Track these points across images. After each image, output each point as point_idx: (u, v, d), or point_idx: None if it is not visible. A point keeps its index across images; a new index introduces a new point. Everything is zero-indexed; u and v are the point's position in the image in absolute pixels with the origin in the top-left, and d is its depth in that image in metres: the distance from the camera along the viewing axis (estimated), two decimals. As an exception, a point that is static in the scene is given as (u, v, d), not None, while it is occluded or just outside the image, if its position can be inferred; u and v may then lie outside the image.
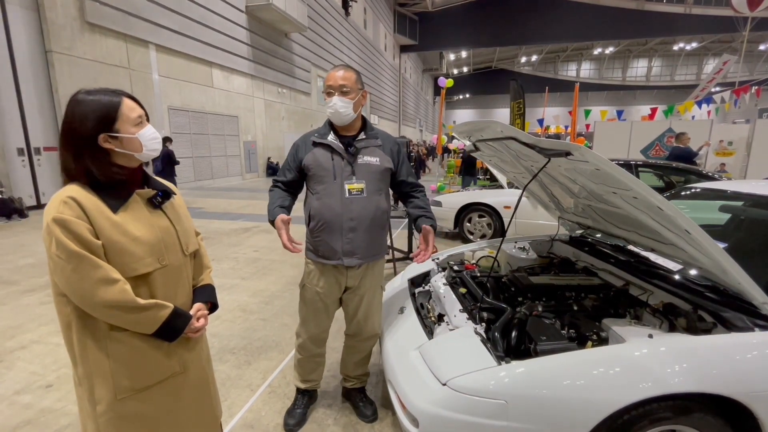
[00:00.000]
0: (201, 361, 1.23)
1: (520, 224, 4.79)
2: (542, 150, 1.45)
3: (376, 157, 1.72)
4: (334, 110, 1.64)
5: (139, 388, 1.06)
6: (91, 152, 1.01)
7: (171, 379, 1.11)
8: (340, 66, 1.69)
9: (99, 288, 0.96)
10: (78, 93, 1.03)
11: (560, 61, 39.14)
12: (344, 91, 1.63)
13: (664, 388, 1.21)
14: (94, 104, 1.01)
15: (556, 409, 1.25)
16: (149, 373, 1.07)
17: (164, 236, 1.11)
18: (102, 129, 1.01)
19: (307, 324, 1.86)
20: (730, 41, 30.34)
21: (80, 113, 1.00)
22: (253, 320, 3.04)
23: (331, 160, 1.68)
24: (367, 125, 1.77)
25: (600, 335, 1.43)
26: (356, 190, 1.67)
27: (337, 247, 1.70)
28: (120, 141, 1.03)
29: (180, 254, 1.16)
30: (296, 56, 15.70)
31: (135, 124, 1.06)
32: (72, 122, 1.00)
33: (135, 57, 8.87)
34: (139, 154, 1.07)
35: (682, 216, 1.24)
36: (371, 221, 1.70)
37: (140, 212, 1.08)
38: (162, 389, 1.10)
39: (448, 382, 1.36)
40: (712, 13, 22.57)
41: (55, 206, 0.97)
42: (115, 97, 1.04)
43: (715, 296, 1.54)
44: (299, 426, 1.90)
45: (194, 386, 1.19)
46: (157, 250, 1.08)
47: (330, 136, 1.71)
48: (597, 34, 25.70)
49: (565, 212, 2.44)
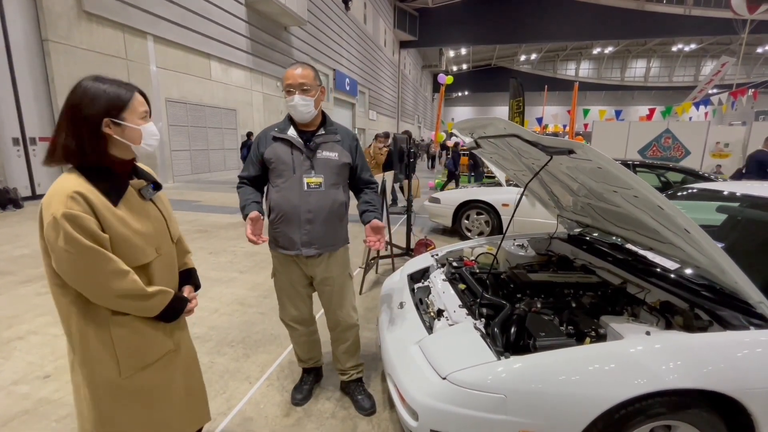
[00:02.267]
0: (189, 339, 1.35)
1: (517, 221, 4.81)
2: (545, 147, 1.46)
3: (335, 152, 1.78)
4: (295, 108, 1.69)
5: (141, 366, 1.14)
6: (91, 134, 1.03)
7: (167, 356, 1.21)
8: (297, 64, 1.72)
9: (112, 280, 1.03)
10: (87, 79, 1.05)
11: (559, 60, 39.16)
12: (304, 89, 1.67)
13: (659, 384, 1.23)
14: (108, 89, 1.04)
15: (554, 403, 1.27)
16: (149, 351, 1.16)
17: (158, 226, 1.18)
18: (108, 113, 1.03)
19: (286, 309, 1.96)
20: (728, 43, 30.47)
21: (92, 94, 1.02)
22: (252, 314, 3.04)
23: (291, 154, 1.73)
24: (327, 120, 1.82)
25: (598, 332, 1.46)
26: (314, 184, 1.74)
27: (295, 237, 1.77)
28: (122, 129, 1.06)
29: (170, 242, 1.24)
30: (295, 50, 15.61)
31: (140, 117, 1.10)
32: (80, 102, 1.02)
33: (132, 48, 8.78)
34: (135, 147, 1.10)
35: (682, 215, 1.26)
36: (328, 213, 1.77)
37: (136, 204, 1.13)
38: (160, 365, 1.19)
39: (447, 376, 1.37)
40: (711, 15, 22.64)
41: (61, 201, 0.98)
42: (129, 89, 1.08)
43: (711, 295, 1.57)
44: (305, 400, 2.04)
45: (185, 360, 1.29)
46: (154, 240, 1.15)
47: (290, 130, 1.76)
48: (597, 33, 25.71)
49: (564, 210, 2.46)
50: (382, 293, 2.33)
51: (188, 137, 10.94)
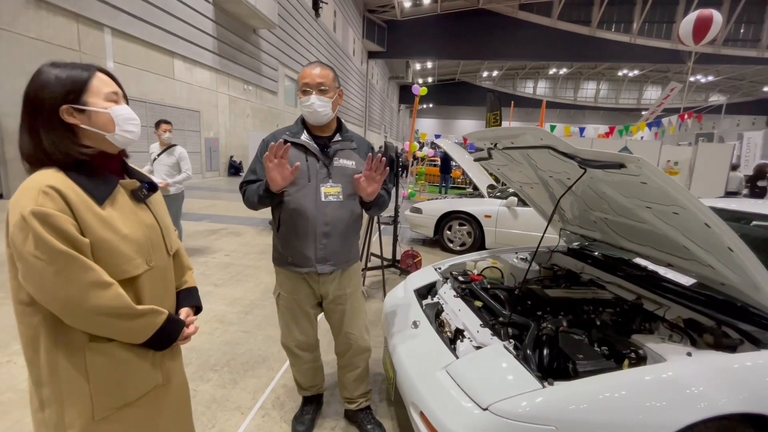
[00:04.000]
0: (182, 371, 1.13)
1: (501, 234, 4.85)
2: (584, 161, 1.40)
3: (352, 161, 1.63)
4: (312, 110, 1.52)
5: (120, 405, 0.92)
6: (48, 126, 0.86)
7: (153, 391, 1.00)
8: (315, 63, 1.57)
9: (90, 293, 0.82)
10: (42, 65, 0.89)
11: (519, 78, 41.13)
12: (322, 89, 1.52)
13: (713, 410, 1.18)
14: (61, 72, 0.87)
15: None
16: (132, 387, 0.96)
17: (150, 234, 0.99)
18: (65, 100, 0.86)
19: (291, 332, 1.75)
20: (665, 71, 33.47)
21: (41, 81, 0.86)
22: (234, 332, 2.77)
23: (306, 161, 1.57)
24: (342, 126, 1.67)
25: (638, 353, 1.40)
26: (332, 194, 1.58)
27: (309, 253, 1.60)
28: (87, 116, 0.89)
29: (165, 254, 1.04)
30: (264, 53, 15.19)
31: (108, 99, 0.92)
32: (30, 92, 0.86)
33: (87, 40, 8.09)
34: (110, 135, 0.92)
35: (730, 233, 1.23)
36: (346, 226, 1.63)
37: (126, 206, 0.95)
38: (143, 403, 0.97)
39: (489, 407, 1.25)
40: (652, 45, 24.78)
41: (31, 197, 0.79)
42: (86, 69, 0.90)
43: (731, 311, 1.57)
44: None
45: (175, 398, 1.08)
46: (145, 249, 0.96)
47: (303, 135, 1.60)
48: (553, 55, 27.29)
49: (568, 223, 2.44)
50: (387, 310, 2.18)
51: (148, 138, 10.21)
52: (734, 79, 32.04)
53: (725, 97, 33.08)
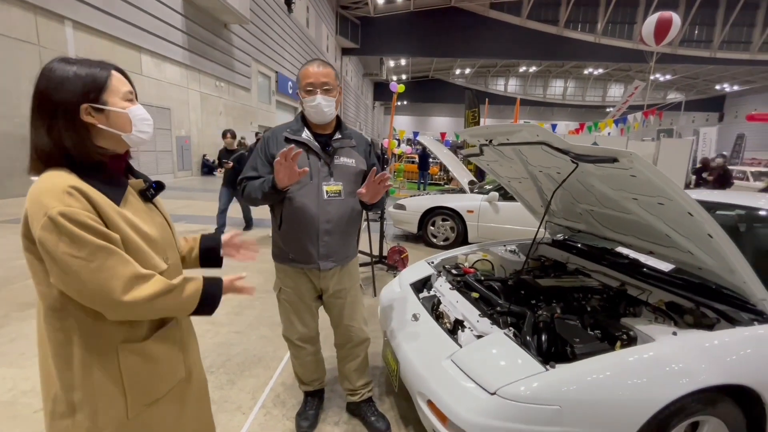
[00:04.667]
0: (200, 364, 1.16)
1: (483, 228, 4.97)
2: (578, 156, 1.48)
3: (352, 159, 1.66)
4: (318, 110, 1.55)
5: (151, 401, 0.95)
6: (69, 125, 0.84)
7: (178, 385, 1.02)
8: (316, 61, 1.59)
9: (132, 286, 0.82)
10: (51, 61, 0.86)
11: (490, 76, 41.91)
12: (327, 89, 1.54)
13: (698, 383, 1.30)
14: (79, 69, 0.85)
15: (606, 410, 1.27)
16: (162, 382, 0.97)
17: (164, 233, 0.99)
18: (85, 98, 0.84)
19: (293, 326, 1.78)
20: (627, 70, 35.03)
21: (59, 78, 0.83)
22: (226, 334, 2.74)
23: (307, 159, 1.58)
24: (342, 124, 1.70)
25: (629, 335, 1.50)
26: (334, 192, 1.60)
27: (312, 250, 1.63)
28: (106, 116, 0.88)
29: (176, 251, 1.05)
30: (236, 49, 14.80)
31: (125, 99, 0.91)
32: (47, 89, 0.83)
33: (47, 33, 7.64)
34: (126, 135, 0.91)
35: (710, 220, 1.34)
36: (347, 224, 1.67)
37: (138, 207, 0.95)
38: (170, 398, 1.00)
39: (497, 391, 1.31)
40: (616, 45, 25.89)
41: (56, 197, 0.77)
42: (104, 66, 0.89)
43: (707, 293, 1.71)
44: (313, 427, 1.85)
45: (196, 391, 1.10)
46: (161, 248, 0.96)
47: (304, 133, 1.61)
48: (522, 53, 28.01)
49: (554, 216, 2.55)
50: (383, 305, 2.22)
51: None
52: (689, 78, 33.95)
53: (682, 95, 35.03)
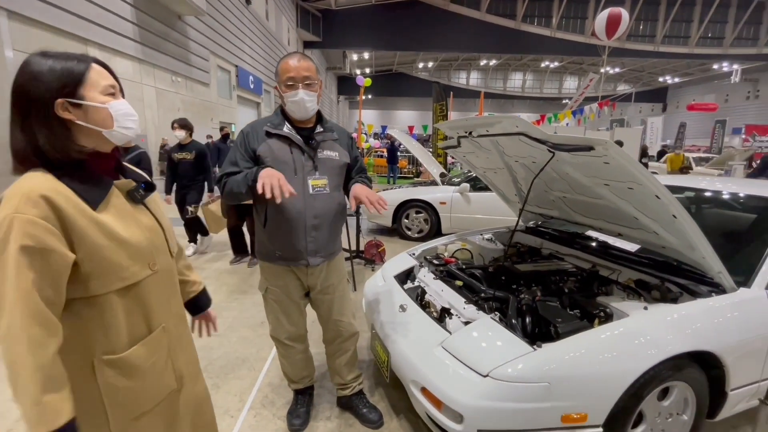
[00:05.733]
0: (198, 371, 1.11)
1: (455, 219, 5.09)
2: (555, 145, 1.56)
3: (335, 152, 1.65)
4: (300, 105, 1.53)
5: (137, 415, 0.90)
6: (42, 121, 0.80)
7: (168, 397, 0.97)
8: (295, 54, 1.58)
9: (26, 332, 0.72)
10: (31, 55, 0.82)
11: (453, 69, 42.58)
12: (308, 83, 1.53)
13: (668, 352, 1.41)
14: (54, 63, 0.81)
15: (590, 384, 1.36)
16: (147, 395, 0.92)
17: (152, 236, 0.95)
18: (60, 93, 0.80)
19: (281, 324, 1.76)
20: (581, 63, 36.73)
21: (32, 73, 0.79)
22: (204, 338, 2.64)
23: (290, 153, 1.56)
24: (322, 117, 1.68)
25: (606, 312, 1.60)
26: (320, 186, 1.59)
27: (300, 247, 1.61)
28: (84, 111, 0.83)
29: (168, 256, 1.00)
30: (192, 42, 14.12)
31: (105, 93, 0.87)
32: (20, 85, 0.79)
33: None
34: (108, 132, 0.87)
35: (675, 202, 1.45)
36: (333, 218, 1.66)
37: (123, 208, 0.90)
38: (160, 410, 0.95)
39: (490, 373, 1.37)
40: (570, 39, 27.04)
41: (14, 203, 0.74)
42: (82, 60, 0.85)
43: (670, 270, 1.85)
44: (305, 425, 1.84)
45: (192, 400, 1.06)
46: (148, 253, 0.92)
47: (285, 127, 1.59)
48: (482, 46, 28.66)
49: (528, 204, 2.66)
50: (368, 298, 2.24)
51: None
52: (636, 71, 36.08)
53: (630, 86, 37.19)
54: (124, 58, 10.80)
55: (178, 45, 13.28)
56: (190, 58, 14.08)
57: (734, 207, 2.23)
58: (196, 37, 14.33)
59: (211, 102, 16.23)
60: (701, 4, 25.19)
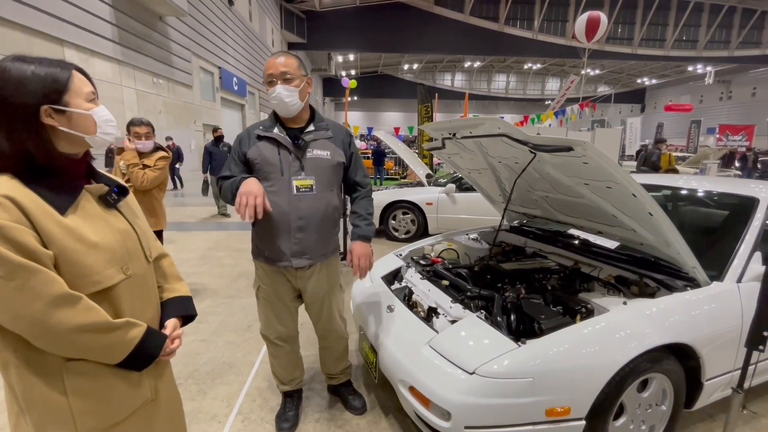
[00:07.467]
0: (172, 381, 1.09)
1: (441, 219, 5.13)
2: (536, 146, 1.60)
3: (326, 151, 1.63)
4: (279, 100, 1.53)
5: (108, 425, 0.88)
6: (29, 128, 0.79)
7: (143, 407, 0.95)
8: (278, 52, 1.59)
9: (59, 309, 0.77)
10: (5, 60, 0.80)
11: (438, 71, 42.91)
12: (287, 78, 1.52)
13: (646, 345, 1.46)
14: (37, 69, 0.80)
15: (573, 378, 1.40)
16: (119, 406, 0.90)
17: (125, 240, 0.94)
18: (46, 99, 0.80)
19: (271, 324, 1.77)
20: (562, 65, 37.50)
21: (16, 78, 0.78)
22: (190, 343, 2.61)
23: (278, 154, 1.57)
24: (316, 116, 1.68)
25: (587, 308, 1.65)
26: (305, 187, 1.58)
27: (285, 248, 1.62)
28: (67, 118, 0.84)
29: (144, 261, 0.99)
30: (174, 43, 13.89)
31: (88, 100, 0.88)
32: (4, 90, 0.78)
33: (-54, 23, 6.71)
34: (90, 137, 0.88)
35: (651, 201, 1.51)
36: (321, 219, 1.64)
37: (94, 213, 0.89)
38: (134, 420, 0.94)
39: (476, 370, 1.40)
40: (552, 41, 27.60)
41: None
42: (65, 66, 0.85)
43: (647, 266, 1.91)
44: (294, 427, 1.84)
45: (167, 411, 1.04)
46: (120, 257, 0.91)
47: (275, 128, 1.60)
48: (466, 48, 28.97)
49: (512, 203, 2.71)
50: (356, 300, 2.25)
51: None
52: (615, 73, 37.01)
53: (609, 88, 38.12)
54: (102, 59, 10.56)
55: (159, 46, 13.07)
56: (171, 60, 13.86)
57: (708, 204, 2.32)
58: (177, 38, 14.12)
59: (194, 104, 15.99)
60: (676, 9, 26.04)
